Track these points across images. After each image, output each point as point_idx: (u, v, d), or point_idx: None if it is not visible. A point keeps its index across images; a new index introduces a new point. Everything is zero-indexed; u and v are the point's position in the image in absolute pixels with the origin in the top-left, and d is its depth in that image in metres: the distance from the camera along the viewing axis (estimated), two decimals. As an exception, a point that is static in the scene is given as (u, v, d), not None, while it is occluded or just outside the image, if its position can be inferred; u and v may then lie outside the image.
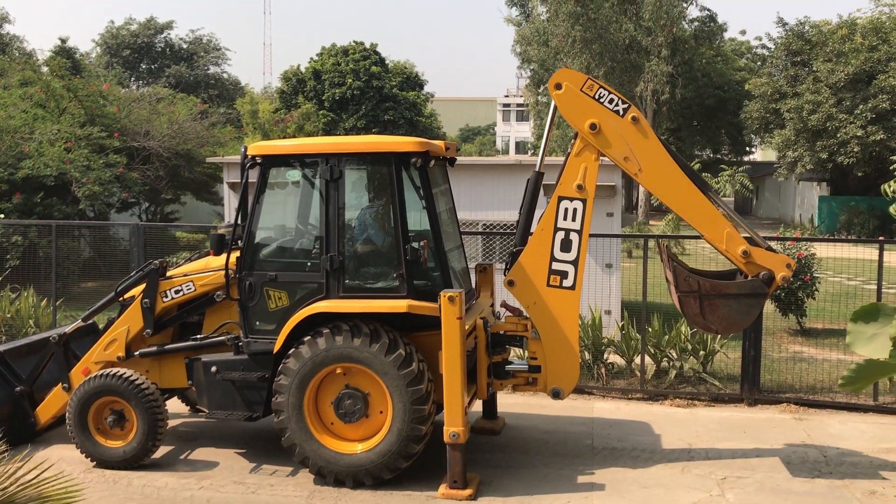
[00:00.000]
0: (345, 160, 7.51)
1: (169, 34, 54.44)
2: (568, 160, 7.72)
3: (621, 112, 7.58)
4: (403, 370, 7.19)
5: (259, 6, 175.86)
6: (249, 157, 7.74)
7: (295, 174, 7.98)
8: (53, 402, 8.45)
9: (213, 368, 7.81)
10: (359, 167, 7.88)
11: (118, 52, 52.04)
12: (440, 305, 7.07)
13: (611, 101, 7.60)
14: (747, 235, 7.76)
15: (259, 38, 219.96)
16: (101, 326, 8.79)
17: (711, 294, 7.56)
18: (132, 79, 51.90)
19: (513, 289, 7.78)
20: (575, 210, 7.59)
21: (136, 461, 7.88)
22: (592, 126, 7.55)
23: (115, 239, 18.69)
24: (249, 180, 7.90)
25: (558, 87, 7.64)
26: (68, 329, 8.61)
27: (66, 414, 8.00)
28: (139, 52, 53.14)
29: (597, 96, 7.59)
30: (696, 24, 46.33)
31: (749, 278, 7.60)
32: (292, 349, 7.41)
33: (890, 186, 7.41)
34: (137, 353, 8.19)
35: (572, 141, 7.82)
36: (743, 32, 57.67)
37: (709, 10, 47.75)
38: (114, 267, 18.21)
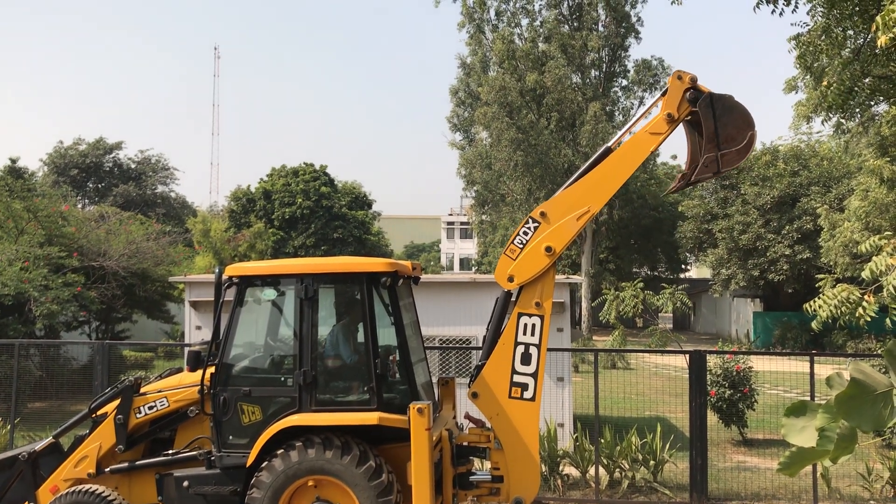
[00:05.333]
0: (319, 280, 8.03)
1: (118, 154, 55.13)
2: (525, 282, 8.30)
3: (539, 223, 8.08)
4: (374, 481, 7.49)
5: (207, 127, 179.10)
6: (227, 277, 8.20)
7: (270, 293, 8.43)
8: (19, 522, 8.43)
9: (185, 483, 7.97)
10: (332, 286, 8.40)
11: (65, 172, 52.33)
12: (409, 417, 7.48)
13: (526, 233, 8.07)
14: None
15: (206, 157, 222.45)
16: (65, 445, 8.87)
17: (715, 142, 7.74)
18: (78, 197, 52.04)
19: (476, 400, 8.21)
20: (534, 325, 8.14)
21: (104, 579, 7.87)
22: (548, 248, 8.19)
23: (66, 358, 18.55)
24: (224, 299, 8.32)
25: (511, 279, 8.07)
26: (38, 447, 8.68)
27: (34, 532, 8.01)
28: (87, 171, 53.52)
29: (520, 243, 8.06)
30: (630, 149, 48.85)
31: (697, 105, 7.77)
32: (265, 462, 7.65)
33: (811, 305, 8.15)
34: (108, 469, 8.31)
35: None
36: (674, 157, 60.69)
37: (642, 136, 50.37)
38: (63, 387, 18.04)
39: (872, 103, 11.71)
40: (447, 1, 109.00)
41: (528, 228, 8.10)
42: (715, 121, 7.77)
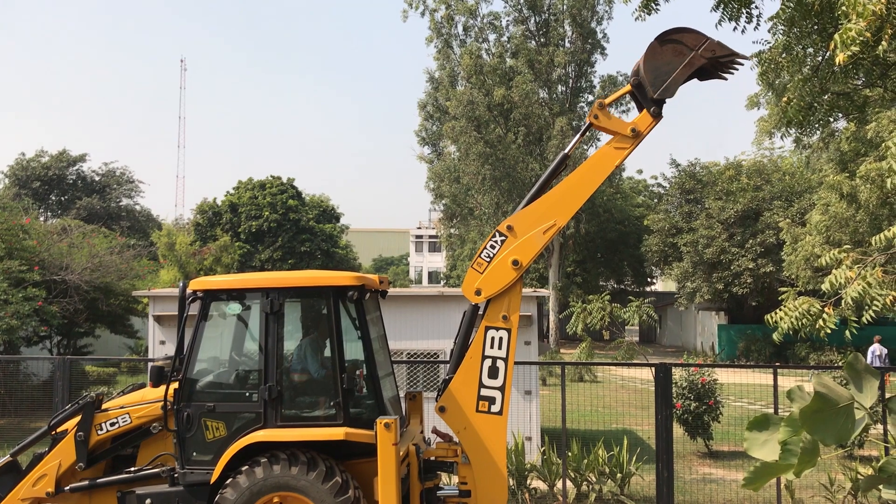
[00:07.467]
0: (285, 294, 7.95)
1: (81, 166, 54.38)
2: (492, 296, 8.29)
3: (506, 236, 8.07)
4: (340, 497, 7.41)
5: (173, 140, 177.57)
6: (191, 291, 8.10)
7: (235, 307, 8.33)
8: (-26, 543, 8.21)
9: (148, 501, 7.83)
10: (298, 300, 8.33)
11: (27, 184, 51.50)
12: (376, 432, 7.42)
13: (493, 246, 8.03)
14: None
15: (172, 170, 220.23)
16: (23, 464, 8.66)
17: (687, 54, 7.62)
18: (40, 210, 51.21)
19: (444, 414, 8.17)
20: (501, 339, 8.13)
21: None
22: (515, 262, 8.19)
23: (26, 374, 18.17)
24: (189, 314, 8.21)
25: (478, 292, 7.97)
26: (-6, 465, 8.47)
27: (-10, 554, 7.81)
28: (49, 183, 52.72)
29: (487, 257, 8.03)
30: (596, 163, 49.25)
31: (662, 104, 7.76)
32: (229, 479, 7.54)
33: (772, 317, 8.24)
34: (68, 488, 8.13)
35: None
36: (640, 172, 61.28)
37: (608, 150, 50.73)
38: (22, 404, 17.67)
39: (831, 119, 11.93)
40: (415, 15, 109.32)
41: (496, 242, 8.09)
42: (680, 63, 7.67)
